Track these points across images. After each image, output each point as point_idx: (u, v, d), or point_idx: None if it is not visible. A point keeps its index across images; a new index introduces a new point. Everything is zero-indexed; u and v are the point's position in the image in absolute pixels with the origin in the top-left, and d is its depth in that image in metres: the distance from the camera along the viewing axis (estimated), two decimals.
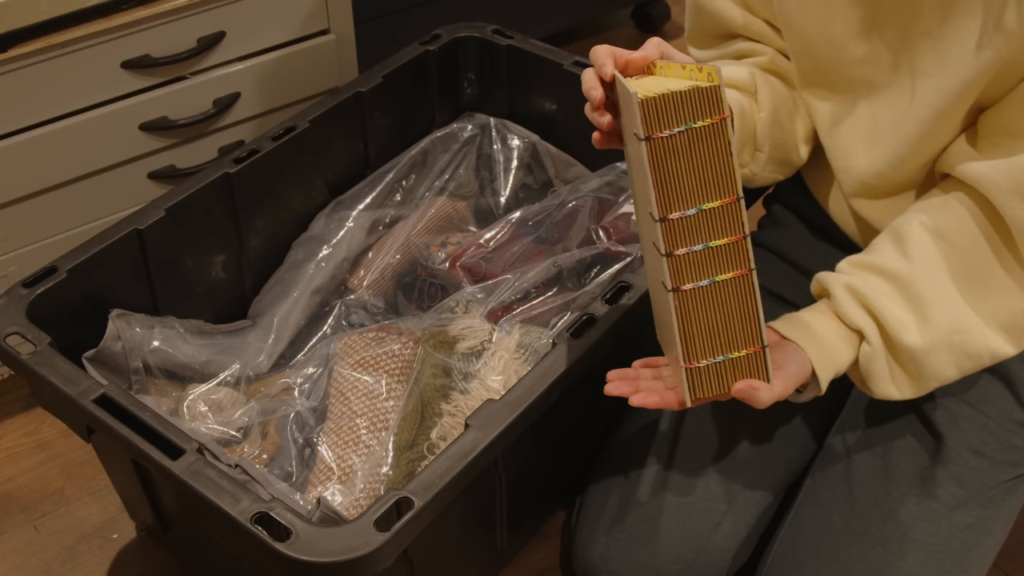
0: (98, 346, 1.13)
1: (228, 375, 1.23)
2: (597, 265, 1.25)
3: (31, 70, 1.23)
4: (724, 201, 0.76)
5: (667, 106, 0.74)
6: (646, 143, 0.74)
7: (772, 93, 1.00)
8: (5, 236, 1.31)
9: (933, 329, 0.87)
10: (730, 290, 0.79)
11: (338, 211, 1.38)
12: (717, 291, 0.78)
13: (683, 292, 0.78)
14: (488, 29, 1.45)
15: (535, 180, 1.47)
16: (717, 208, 0.76)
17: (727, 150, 0.75)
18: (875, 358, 0.88)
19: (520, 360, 1.15)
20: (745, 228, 0.77)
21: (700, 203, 0.76)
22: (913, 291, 0.87)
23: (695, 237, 0.77)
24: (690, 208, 0.76)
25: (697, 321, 0.79)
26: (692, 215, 0.76)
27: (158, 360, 1.19)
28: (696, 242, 0.77)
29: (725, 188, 0.76)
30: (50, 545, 1.30)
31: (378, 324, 1.27)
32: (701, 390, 0.82)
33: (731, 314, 0.79)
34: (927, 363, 0.88)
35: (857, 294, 0.88)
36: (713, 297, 0.79)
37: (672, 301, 0.78)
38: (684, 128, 0.74)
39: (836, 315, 0.89)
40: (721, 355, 0.80)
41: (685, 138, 0.75)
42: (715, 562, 1.03)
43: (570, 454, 1.22)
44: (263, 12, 1.37)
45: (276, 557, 0.85)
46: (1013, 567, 1.25)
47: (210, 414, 1.18)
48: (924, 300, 0.87)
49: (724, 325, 0.79)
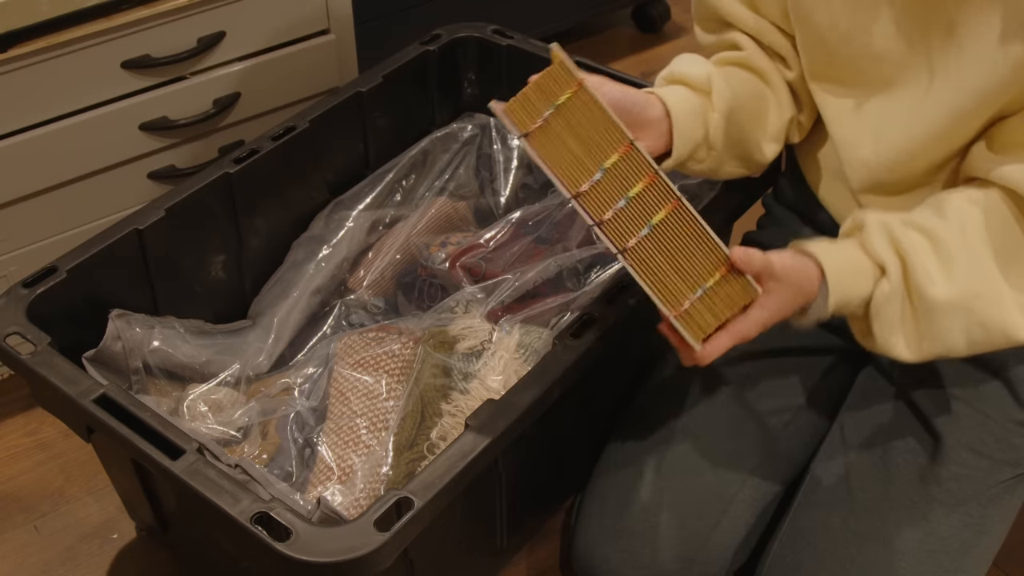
0: (98, 346, 1.13)
1: (228, 375, 1.23)
2: (597, 265, 1.25)
3: (31, 70, 1.23)
4: (620, 152, 0.80)
5: (526, 101, 0.78)
6: (526, 139, 0.79)
7: (730, 94, 0.99)
8: (5, 236, 1.31)
9: (957, 287, 0.84)
10: (671, 227, 0.81)
11: (338, 211, 1.38)
12: (660, 233, 0.81)
13: (631, 250, 0.81)
14: (488, 29, 1.45)
15: (535, 180, 1.47)
16: (618, 161, 0.80)
17: (599, 109, 0.79)
18: (891, 299, 0.85)
19: (520, 360, 1.15)
20: (653, 166, 0.80)
21: (600, 165, 0.80)
22: (944, 247, 0.85)
23: (613, 196, 0.80)
24: (595, 174, 0.80)
25: (659, 269, 0.81)
26: (600, 179, 0.80)
27: (158, 360, 1.19)
28: (616, 200, 0.80)
29: (614, 141, 0.79)
30: (50, 545, 1.30)
31: (378, 324, 1.27)
32: (700, 329, 0.84)
33: (685, 247, 0.82)
34: (941, 322, 0.85)
35: (890, 233, 0.86)
36: (660, 240, 0.81)
37: (627, 262, 0.81)
38: (551, 110, 0.78)
39: (863, 247, 0.87)
40: (698, 288, 0.82)
41: (557, 118, 0.79)
42: (714, 561, 1.04)
43: (570, 454, 1.22)
44: (263, 12, 1.37)
45: (276, 557, 0.85)
46: (1013, 567, 1.25)
47: (210, 414, 1.18)
48: (954, 257, 0.85)
49: (685, 260, 0.82)
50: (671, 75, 1.01)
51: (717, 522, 1.03)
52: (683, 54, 1.04)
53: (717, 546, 1.03)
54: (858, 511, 0.99)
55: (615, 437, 1.13)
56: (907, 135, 0.92)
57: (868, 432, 1.03)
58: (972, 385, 1.00)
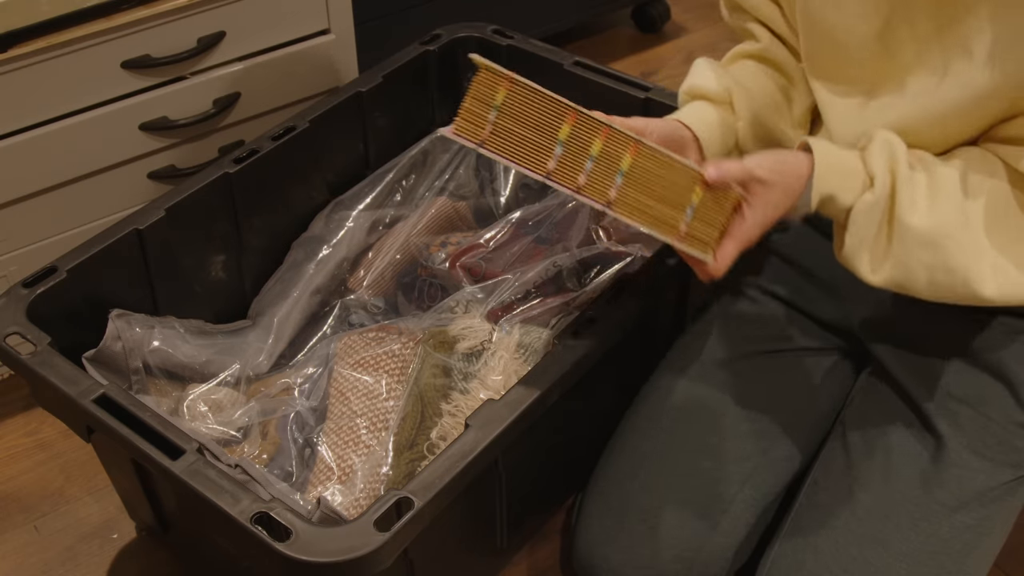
0: (98, 346, 1.13)
1: (228, 375, 1.23)
2: (597, 265, 1.25)
3: (31, 70, 1.23)
4: (570, 123, 0.85)
5: (469, 114, 0.83)
6: (483, 147, 0.83)
7: (749, 96, 1.02)
8: (5, 236, 1.31)
9: (935, 221, 0.85)
10: (641, 167, 0.87)
11: (338, 211, 1.38)
12: (633, 176, 0.87)
13: (614, 201, 0.87)
14: (488, 29, 1.45)
15: (535, 180, 1.47)
16: (571, 131, 0.85)
17: (537, 94, 0.84)
18: (869, 212, 0.86)
19: (520, 360, 1.15)
20: (603, 119, 0.86)
21: (556, 140, 0.85)
22: (939, 184, 0.86)
23: (579, 162, 0.85)
24: (555, 149, 0.85)
25: (646, 207, 0.88)
26: (561, 152, 0.85)
27: (158, 360, 1.19)
28: (583, 164, 0.86)
29: (560, 115, 0.84)
30: (50, 545, 1.30)
31: (378, 324, 1.27)
32: (705, 244, 0.90)
33: (660, 179, 0.88)
34: (910, 250, 0.86)
35: (891, 152, 0.87)
36: (635, 182, 0.87)
37: (616, 213, 0.87)
38: (494, 113, 0.83)
39: (862, 156, 0.88)
40: (687, 208, 0.89)
41: (503, 118, 0.83)
42: (715, 562, 1.03)
43: (570, 454, 1.22)
44: (263, 12, 1.37)
45: (276, 557, 0.85)
46: (1013, 567, 1.25)
47: (210, 414, 1.18)
48: (944, 195, 0.85)
49: (664, 190, 0.88)
50: (692, 90, 1.04)
51: (717, 522, 1.03)
52: (699, 60, 1.06)
53: (718, 546, 1.03)
54: (859, 512, 0.99)
55: (616, 437, 1.13)
56: (914, 134, 0.91)
57: (870, 433, 1.03)
58: (974, 387, 1.00)
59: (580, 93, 1.42)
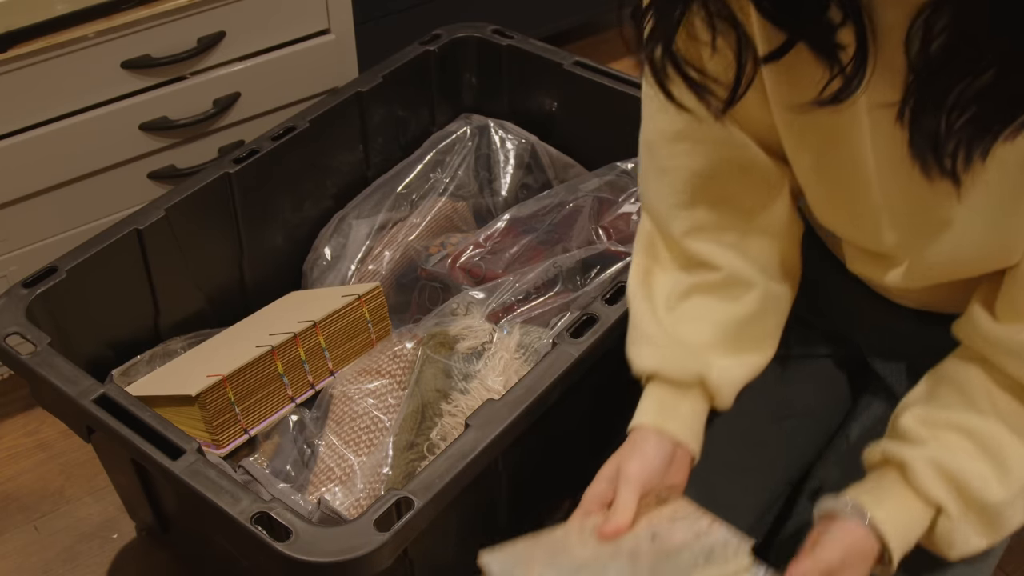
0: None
1: None
2: (597, 265, 1.25)
3: (31, 70, 1.23)
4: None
5: None
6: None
7: (728, 374, 0.94)
8: (5, 236, 1.31)
9: (1014, 480, 0.83)
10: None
11: (339, 214, 1.38)
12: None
13: None
14: (488, 29, 1.45)
15: (535, 180, 1.47)
16: None
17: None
18: (956, 527, 0.84)
19: (520, 360, 1.15)
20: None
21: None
22: (991, 444, 0.83)
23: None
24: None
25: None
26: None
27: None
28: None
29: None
30: (50, 545, 1.30)
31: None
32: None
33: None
34: (1006, 514, 0.84)
35: (941, 467, 0.83)
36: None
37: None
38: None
39: (912, 488, 0.84)
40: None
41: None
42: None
43: (570, 454, 1.22)
44: (263, 12, 1.37)
45: (276, 557, 0.85)
46: (1013, 567, 1.25)
47: None
48: (1003, 454, 0.83)
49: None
50: (666, 379, 0.94)
51: None
52: (655, 395, 0.94)
53: None
54: None
55: (615, 437, 1.13)
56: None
57: (873, 437, 1.03)
58: None
59: (580, 93, 1.42)
